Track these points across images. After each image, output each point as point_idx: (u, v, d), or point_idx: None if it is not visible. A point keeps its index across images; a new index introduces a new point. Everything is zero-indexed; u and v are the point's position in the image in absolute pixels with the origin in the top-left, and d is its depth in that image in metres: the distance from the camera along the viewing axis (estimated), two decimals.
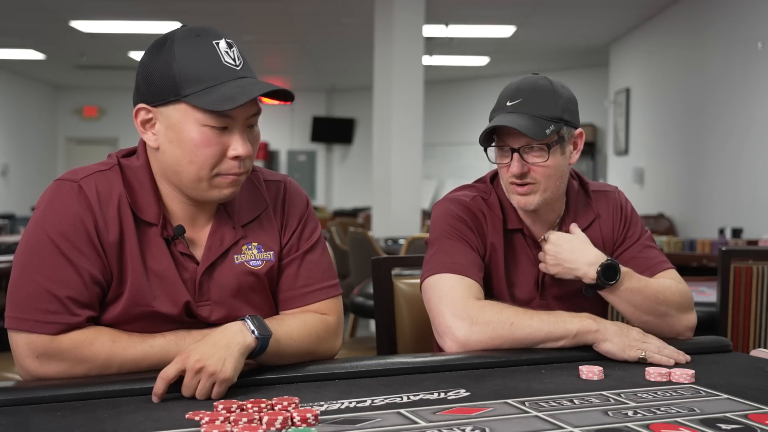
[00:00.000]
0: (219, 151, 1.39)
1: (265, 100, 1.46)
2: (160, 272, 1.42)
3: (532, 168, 1.73)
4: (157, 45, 1.41)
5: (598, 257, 1.70)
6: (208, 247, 1.48)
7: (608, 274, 1.68)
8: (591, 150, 11.08)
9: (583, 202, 1.87)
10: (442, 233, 1.78)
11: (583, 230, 1.82)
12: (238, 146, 1.40)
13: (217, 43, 1.39)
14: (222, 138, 1.39)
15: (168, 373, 1.26)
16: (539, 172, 1.73)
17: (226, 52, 1.39)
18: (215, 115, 1.37)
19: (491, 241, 1.80)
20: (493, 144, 1.78)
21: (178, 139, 1.39)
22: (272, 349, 1.38)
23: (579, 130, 1.80)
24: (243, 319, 1.37)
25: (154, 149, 1.43)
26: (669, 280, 1.77)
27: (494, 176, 1.88)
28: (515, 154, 1.73)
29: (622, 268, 1.70)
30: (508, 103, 1.74)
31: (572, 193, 1.86)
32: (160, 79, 1.38)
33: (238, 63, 1.40)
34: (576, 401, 1.27)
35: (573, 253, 1.71)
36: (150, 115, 1.41)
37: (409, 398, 1.28)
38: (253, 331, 1.35)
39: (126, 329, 1.41)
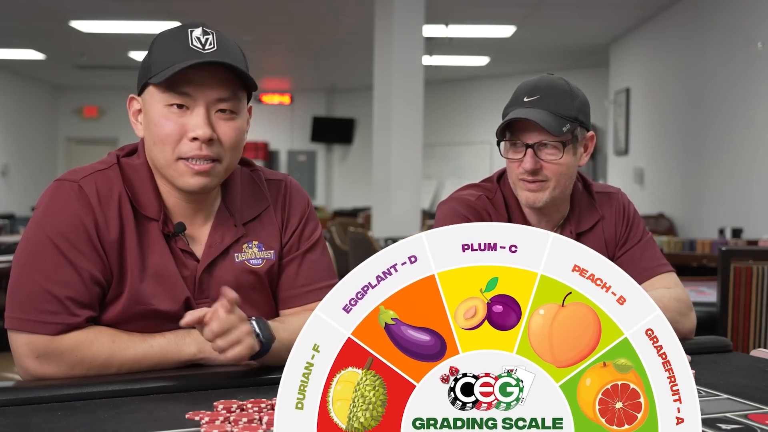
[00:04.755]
0: (177, 130, 1.39)
1: (265, 99, 1.47)
2: (159, 269, 1.42)
3: (544, 165, 1.73)
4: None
5: None
6: (209, 244, 1.47)
7: None
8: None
9: (587, 203, 1.87)
10: None
11: (587, 232, 1.83)
12: (196, 127, 1.38)
13: (192, 31, 1.40)
14: (183, 119, 1.39)
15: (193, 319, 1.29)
16: (551, 170, 1.73)
17: (197, 38, 1.38)
18: (173, 93, 1.38)
19: None
20: (506, 139, 1.77)
21: (147, 122, 1.43)
22: (274, 351, 1.38)
23: (591, 132, 1.81)
24: (248, 321, 1.36)
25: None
26: (662, 290, 1.76)
27: (500, 176, 1.88)
28: (529, 150, 1.72)
29: None
30: (526, 99, 1.73)
31: (576, 195, 1.86)
32: (140, 69, 1.44)
33: (208, 48, 1.38)
34: None
35: None
36: (138, 106, 1.46)
37: None
38: (258, 334, 1.35)
39: (126, 329, 1.40)
